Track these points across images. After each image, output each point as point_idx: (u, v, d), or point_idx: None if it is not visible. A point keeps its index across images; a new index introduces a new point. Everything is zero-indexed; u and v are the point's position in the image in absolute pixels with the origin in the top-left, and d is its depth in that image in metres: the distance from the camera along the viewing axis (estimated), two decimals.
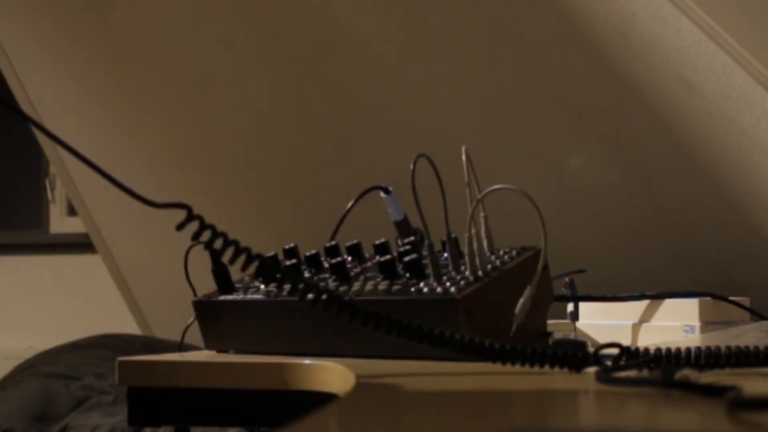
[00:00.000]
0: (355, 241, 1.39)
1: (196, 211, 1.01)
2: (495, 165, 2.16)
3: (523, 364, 0.99)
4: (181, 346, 1.57)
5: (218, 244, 1.03)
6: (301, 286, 1.05)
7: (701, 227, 2.18)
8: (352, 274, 1.33)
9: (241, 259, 1.04)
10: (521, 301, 1.17)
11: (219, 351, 1.43)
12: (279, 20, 2.37)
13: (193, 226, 1.01)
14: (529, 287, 1.18)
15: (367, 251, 1.37)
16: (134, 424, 1.38)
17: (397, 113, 2.36)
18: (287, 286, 1.07)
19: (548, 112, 2.18)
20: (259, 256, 1.04)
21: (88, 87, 2.77)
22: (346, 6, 2.27)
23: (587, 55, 2.03)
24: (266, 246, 1.45)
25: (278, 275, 1.07)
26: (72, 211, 4.22)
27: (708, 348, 0.96)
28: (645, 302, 1.48)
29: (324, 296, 1.05)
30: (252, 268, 1.05)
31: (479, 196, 1.17)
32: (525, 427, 0.67)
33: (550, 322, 1.26)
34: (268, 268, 1.05)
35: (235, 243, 1.03)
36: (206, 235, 1.02)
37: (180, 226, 1.00)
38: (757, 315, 1.49)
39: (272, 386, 1.27)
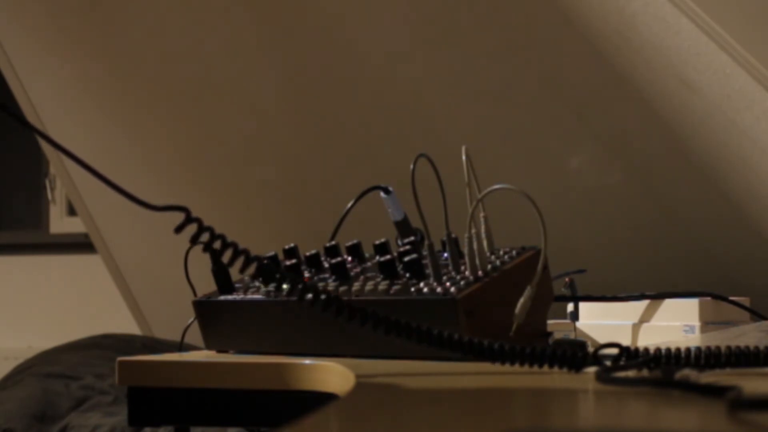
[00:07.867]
0: (355, 241, 1.39)
1: (195, 211, 1.01)
2: (495, 165, 2.16)
3: (522, 364, 0.99)
4: (181, 346, 1.57)
5: (217, 245, 1.03)
6: (300, 286, 1.05)
7: (701, 227, 2.18)
8: (352, 274, 1.33)
9: (240, 260, 1.04)
10: (521, 301, 1.17)
11: (219, 351, 1.43)
12: (280, 22, 2.37)
13: (192, 227, 1.01)
14: (529, 287, 1.18)
15: (367, 251, 1.37)
16: (134, 424, 1.38)
17: (397, 113, 2.36)
18: (286, 287, 1.07)
19: (548, 112, 2.18)
20: (257, 258, 1.04)
21: (88, 87, 2.77)
22: (346, 6, 2.27)
23: (588, 55, 2.03)
24: (266, 246, 1.45)
25: (277, 276, 1.07)
26: (72, 211, 4.22)
27: (708, 348, 0.96)
28: (645, 302, 1.48)
29: (323, 296, 1.05)
30: (250, 270, 1.05)
31: (479, 196, 1.17)
32: (525, 427, 0.67)
33: (550, 322, 1.26)
34: (267, 270, 1.05)
35: (234, 245, 1.03)
36: (204, 237, 1.02)
37: (179, 229, 1.00)
38: (757, 315, 1.48)
39: (272, 386, 1.27)
